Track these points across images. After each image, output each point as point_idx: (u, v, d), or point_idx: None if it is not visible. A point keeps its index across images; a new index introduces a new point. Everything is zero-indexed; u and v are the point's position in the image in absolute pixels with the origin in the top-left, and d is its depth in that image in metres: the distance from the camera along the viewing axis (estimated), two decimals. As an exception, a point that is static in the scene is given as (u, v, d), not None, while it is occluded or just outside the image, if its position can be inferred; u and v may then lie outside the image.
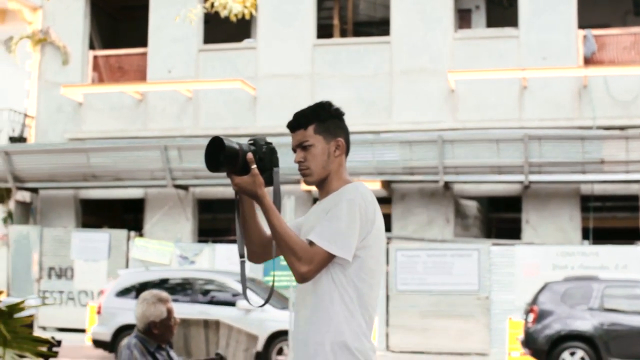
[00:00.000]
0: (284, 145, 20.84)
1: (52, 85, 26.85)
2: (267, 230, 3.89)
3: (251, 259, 4.02)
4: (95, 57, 27.58)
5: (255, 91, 25.18)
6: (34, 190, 26.40)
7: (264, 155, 3.82)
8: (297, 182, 22.88)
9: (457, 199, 24.55)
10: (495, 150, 22.53)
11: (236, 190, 3.75)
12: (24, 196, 26.50)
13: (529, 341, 16.94)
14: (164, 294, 5.79)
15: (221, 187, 24.47)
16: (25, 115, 27.03)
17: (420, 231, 23.93)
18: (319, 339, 3.78)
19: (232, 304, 17.35)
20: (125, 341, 5.75)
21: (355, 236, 3.74)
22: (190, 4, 25.14)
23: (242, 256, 3.86)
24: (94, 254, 23.85)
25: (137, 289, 17.50)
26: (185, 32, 25.93)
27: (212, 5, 12.66)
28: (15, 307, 5.12)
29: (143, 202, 26.28)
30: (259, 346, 16.53)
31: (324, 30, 26.22)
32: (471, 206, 25.15)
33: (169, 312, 5.62)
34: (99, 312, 17.62)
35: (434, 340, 21.17)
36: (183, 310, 15.83)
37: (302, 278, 3.72)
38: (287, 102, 24.50)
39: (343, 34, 27.52)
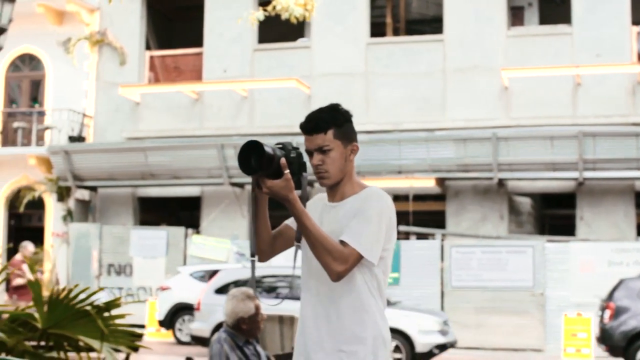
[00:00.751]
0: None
1: (109, 86, 27.33)
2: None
3: (260, 258, 4.10)
4: (151, 57, 28.04)
5: (310, 90, 25.47)
6: (93, 189, 26.91)
7: (293, 160, 3.89)
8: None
9: (511, 196, 24.65)
10: (549, 147, 22.62)
11: (267, 194, 3.83)
12: (83, 194, 27.00)
13: (605, 338, 16.83)
14: (251, 291, 6.07)
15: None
16: (84, 115, 27.53)
17: (474, 228, 24.07)
18: (363, 333, 3.95)
19: None
20: (215, 336, 6.01)
21: (382, 242, 3.93)
22: (245, 4, 25.50)
23: (253, 255, 3.97)
24: (152, 251, 24.26)
25: (237, 286, 17.77)
26: (240, 33, 26.27)
27: (274, 7, 12.94)
28: (112, 304, 5.43)
29: (199, 200, 26.67)
30: None
31: (376, 29, 26.41)
32: (525, 203, 25.25)
33: (257, 308, 5.90)
34: (197, 309, 17.86)
35: (488, 336, 21.28)
36: (283, 306, 16.21)
37: (337, 277, 3.85)
38: (341, 100, 24.46)
39: (395, 32, 27.71)
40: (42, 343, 5.47)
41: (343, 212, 4.00)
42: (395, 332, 16.06)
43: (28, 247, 18.16)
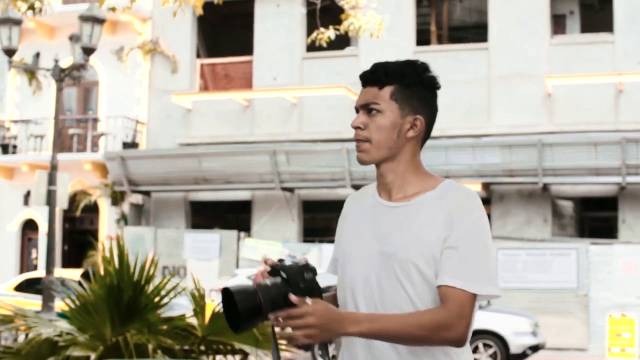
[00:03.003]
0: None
1: (161, 93, 28.20)
2: None
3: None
4: (201, 65, 28.88)
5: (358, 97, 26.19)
6: (147, 193, 27.80)
7: (307, 283, 2.74)
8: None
9: (554, 200, 25.34)
10: (592, 153, 23.29)
11: (315, 336, 2.64)
12: (137, 199, 27.90)
13: None
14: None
15: (325, 189, 25.63)
16: (137, 122, 28.42)
17: (518, 231, 24.77)
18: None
19: None
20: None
21: (494, 262, 2.86)
22: (293, 14, 26.38)
23: None
24: (205, 254, 25.07)
25: None
26: (289, 41, 27.10)
27: (347, 27, 13.70)
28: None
29: (250, 204, 27.46)
30: None
31: (420, 36, 27.14)
32: (567, 206, 25.91)
33: None
34: None
35: (534, 336, 21.95)
36: None
37: (463, 341, 2.78)
38: (388, 107, 25.46)
39: (439, 39, 28.43)
40: (201, 348, 6.28)
41: (419, 222, 2.84)
42: (490, 334, 16.86)
43: None
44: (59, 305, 11.58)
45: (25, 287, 20.48)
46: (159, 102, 28.36)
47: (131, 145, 27.91)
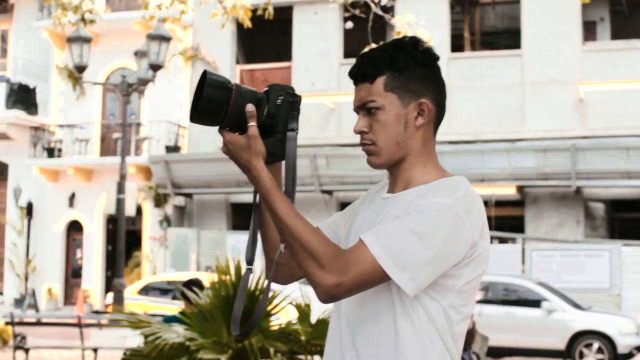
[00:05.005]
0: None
1: (203, 98, 28.98)
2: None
3: (275, 277, 2.72)
4: (241, 71, 29.72)
5: (394, 102, 26.96)
6: (189, 195, 28.68)
7: (277, 110, 2.53)
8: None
9: (587, 202, 26.03)
10: (624, 157, 24.00)
11: (225, 152, 2.54)
12: (180, 201, 28.78)
13: None
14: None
15: (363, 191, 26.34)
16: (179, 126, 29.29)
17: (551, 232, 25.48)
18: None
19: (537, 305, 18.48)
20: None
21: (439, 260, 2.38)
22: (330, 20, 27.18)
23: (249, 263, 2.60)
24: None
25: None
26: (326, 48, 27.93)
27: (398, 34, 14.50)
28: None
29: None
30: (562, 346, 17.98)
31: (453, 42, 27.86)
32: (599, 208, 26.58)
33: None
34: None
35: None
36: (490, 311, 17.95)
37: (325, 294, 2.38)
38: (424, 112, 26.24)
39: (472, 45, 29.15)
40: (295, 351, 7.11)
41: (394, 208, 2.52)
42: (597, 334, 17.66)
43: None
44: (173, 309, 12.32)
45: (146, 290, 21.12)
46: (200, 107, 29.12)
47: (174, 149, 28.79)
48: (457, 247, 2.40)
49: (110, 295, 20.14)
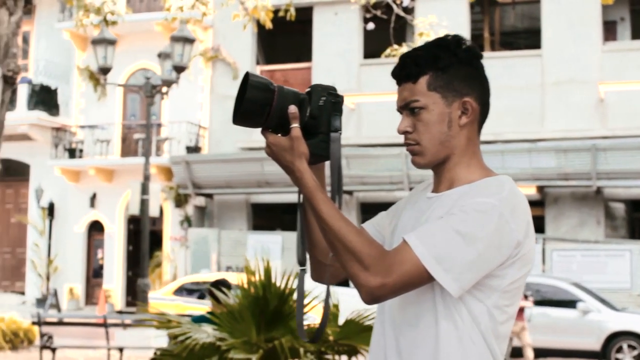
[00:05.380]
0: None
1: (223, 98, 29.17)
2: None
3: (316, 277, 2.75)
4: (261, 72, 29.82)
5: (414, 103, 27.01)
6: (209, 196, 28.81)
7: (320, 111, 2.55)
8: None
9: (607, 202, 26.03)
10: (645, 156, 24.07)
11: (268, 154, 2.55)
12: (200, 201, 28.92)
13: None
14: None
15: (383, 192, 26.49)
16: (199, 127, 29.44)
17: (572, 232, 25.48)
18: None
19: (572, 306, 18.59)
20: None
21: (482, 261, 2.38)
22: (351, 20, 27.26)
23: (301, 264, 2.61)
24: (268, 254, 25.90)
25: None
26: (347, 48, 28.02)
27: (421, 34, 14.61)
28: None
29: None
30: (598, 346, 18.08)
31: (473, 42, 27.79)
32: (619, 208, 26.57)
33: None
34: None
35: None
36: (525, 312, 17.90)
37: (369, 295, 2.39)
38: (444, 112, 26.31)
39: (491, 45, 29.18)
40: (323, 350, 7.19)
41: (438, 208, 2.51)
42: (633, 335, 17.85)
43: None
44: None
45: (180, 290, 21.19)
46: (220, 108, 29.32)
47: (194, 149, 28.93)
48: (501, 247, 2.38)
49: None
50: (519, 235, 2.41)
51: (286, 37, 31.21)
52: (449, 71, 2.54)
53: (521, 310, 16.17)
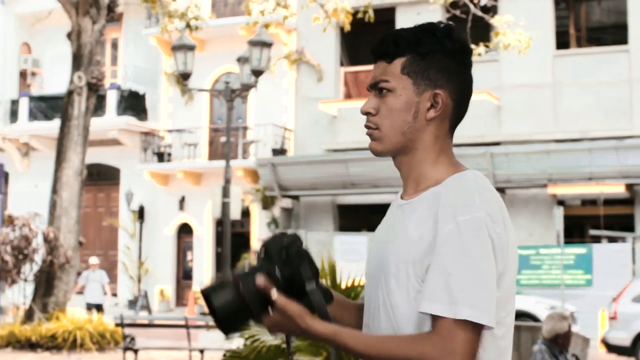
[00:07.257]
0: (529, 154, 22.60)
1: (308, 101, 29.35)
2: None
3: None
4: (345, 73, 29.92)
5: (499, 101, 26.86)
6: (296, 198, 29.00)
7: (288, 267, 2.30)
8: (543, 185, 24.49)
9: (699, 199, 25.56)
10: None
11: (276, 334, 2.36)
12: (287, 203, 29.12)
13: None
14: (566, 312, 7.70)
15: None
16: (285, 129, 29.66)
17: (663, 231, 25.08)
18: None
19: None
20: (536, 347, 7.62)
21: (494, 282, 2.17)
22: (433, 20, 27.02)
23: None
24: (354, 255, 26.01)
25: None
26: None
27: (496, 44, 14.54)
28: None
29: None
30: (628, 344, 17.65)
31: (558, 38, 27.57)
32: None
33: (569, 326, 7.47)
34: (614, 318, 17.89)
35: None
36: None
37: None
38: (530, 110, 26.12)
39: (578, 41, 28.80)
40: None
41: (412, 222, 2.32)
42: None
43: None
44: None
45: None
46: (305, 110, 29.51)
47: (280, 151, 29.17)
48: (497, 258, 2.18)
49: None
50: (505, 236, 2.22)
51: (370, 38, 31.12)
52: (428, 58, 2.34)
53: None
